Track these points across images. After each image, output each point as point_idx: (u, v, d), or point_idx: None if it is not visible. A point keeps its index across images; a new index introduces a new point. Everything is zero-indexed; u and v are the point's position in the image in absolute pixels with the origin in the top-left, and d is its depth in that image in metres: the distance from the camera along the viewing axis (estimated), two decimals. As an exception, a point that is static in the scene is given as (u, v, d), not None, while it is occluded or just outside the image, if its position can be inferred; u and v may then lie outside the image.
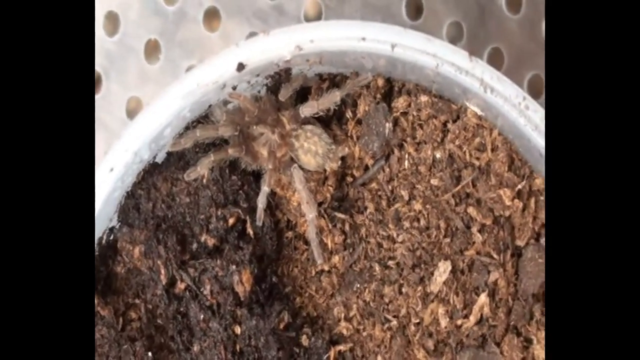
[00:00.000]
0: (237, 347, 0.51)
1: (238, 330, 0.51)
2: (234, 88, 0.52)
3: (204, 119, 0.53)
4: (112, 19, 0.63)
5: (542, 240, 0.52)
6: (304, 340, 0.52)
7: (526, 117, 0.49)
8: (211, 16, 0.63)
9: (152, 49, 0.63)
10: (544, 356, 0.50)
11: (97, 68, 0.63)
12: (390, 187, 0.53)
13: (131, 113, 0.64)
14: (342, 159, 0.53)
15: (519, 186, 0.52)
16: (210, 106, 0.53)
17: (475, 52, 0.50)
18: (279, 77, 0.53)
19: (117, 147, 0.50)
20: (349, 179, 0.54)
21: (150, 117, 0.50)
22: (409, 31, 0.49)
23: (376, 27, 0.49)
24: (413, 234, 0.52)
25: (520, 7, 0.61)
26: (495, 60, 0.54)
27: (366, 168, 0.54)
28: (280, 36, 0.49)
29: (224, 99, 0.53)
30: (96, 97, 0.63)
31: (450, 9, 0.61)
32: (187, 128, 0.53)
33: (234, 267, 0.51)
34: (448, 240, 0.52)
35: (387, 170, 0.53)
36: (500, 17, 0.61)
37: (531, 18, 0.62)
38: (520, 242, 0.52)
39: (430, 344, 0.52)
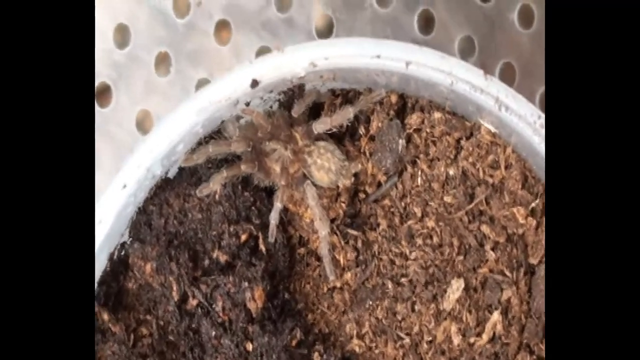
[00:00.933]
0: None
1: (250, 347, 0.50)
2: (247, 104, 0.51)
3: (216, 134, 0.52)
4: (122, 31, 0.62)
5: (556, 258, 0.51)
6: (316, 358, 0.51)
7: (540, 136, 0.48)
8: (221, 29, 0.62)
9: (161, 61, 0.63)
10: (556, 375, 0.50)
11: (107, 80, 0.62)
12: (403, 204, 0.52)
13: (140, 125, 0.63)
14: (355, 175, 0.53)
15: (533, 204, 0.51)
16: (223, 122, 0.52)
17: (487, 66, 0.49)
18: (292, 93, 0.52)
19: (129, 163, 0.50)
20: (362, 195, 0.54)
21: (163, 133, 0.50)
22: (423, 49, 0.48)
23: (391, 44, 0.48)
24: (426, 251, 0.51)
25: (532, 21, 0.61)
26: (507, 75, 0.53)
27: (379, 185, 0.53)
28: (295, 53, 0.49)
29: (237, 114, 0.52)
30: (105, 109, 0.63)
31: (461, 23, 0.61)
32: (199, 144, 0.52)
33: (246, 283, 0.51)
34: (461, 257, 0.51)
35: (400, 187, 0.53)
36: (511, 31, 0.61)
37: (543, 33, 0.61)
38: (533, 260, 0.51)
39: (443, 362, 0.51)
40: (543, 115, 0.48)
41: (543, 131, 0.48)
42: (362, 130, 0.53)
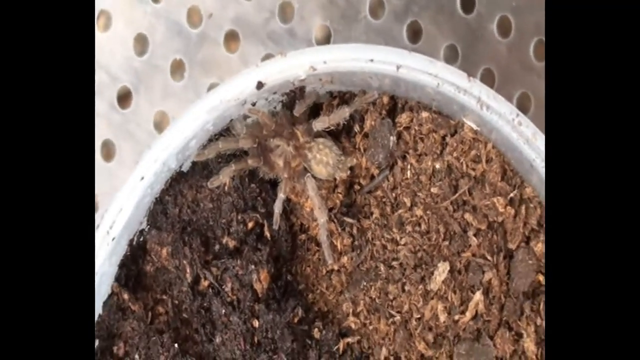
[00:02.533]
0: (255, 339, 0.50)
1: (256, 323, 0.49)
2: (253, 104, 0.50)
3: (226, 132, 0.52)
4: (141, 41, 0.61)
5: (532, 243, 0.50)
6: (316, 333, 0.50)
7: (518, 132, 0.47)
8: (230, 38, 0.62)
9: (176, 68, 0.62)
10: (533, 348, 0.49)
11: (128, 84, 0.62)
12: (394, 195, 0.52)
13: (157, 125, 0.63)
14: (351, 169, 0.52)
15: (511, 195, 0.50)
16: (231, 120, 0.51)
17: (469, 72, 0.48)
18: (294, 94, 0.52)
19: (147, 157, 0.49)
20: (357, 187, 0.53)
21: (178, 130, 0.49)
22: (412, 54, 0.47)
23: (383, 50, 0.48)
24: (415, 237, 0.51)
25: (510, 32, 0.60)
26: (487, 80, 0.53)
27: (372, 177, 0.52)
28: (296, 58, 0.48)
29: (244, 114, 0.51)
30: (126, 111, 0.62)
31: (446, 33, 0.60)
32: (210, 140, 0.51)
33: (252, 266, 0.50)
34: (446, 243, 0.50)
35: (391, 179, 0.52)
36: (491, 40, 0.60)
37: (519, 41, 0.60)
38: (512, 245, 0.50)
39: (430, 337, 0.50)
40: (521, 114, 0.47)
41: (521, 128, 0.47)
42: (357, 128, 0.53)
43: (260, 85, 0.48)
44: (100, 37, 0.61)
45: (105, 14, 0.61)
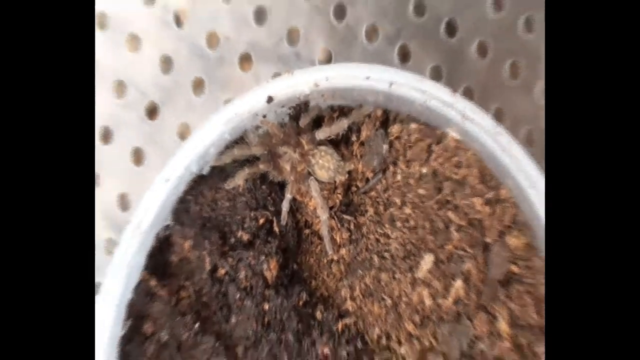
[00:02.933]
0: (266, 320, 0.49)
1: (266, 306, 0.49)
2: (264, 116, 0.50)
3: (240, 140, 0.51)
4: (166, 61, 0.61)
5: (506, 238, 0.49)
6: (318, 315, 0.50)
7: (497, 142, 0.47)
8: (244, 60, 0.61)
9: (197, 85, 0.62)
10: (506, 329, 0.48)
11: (155, 100, 0.61)
12: (386, 195, 0.51)
13: (181, 135, 0.62)
14: (349, 172, 0.51)
15: (488, 196, 0.50)
16: (245, 131, 0.51)
17: (452, 89, 0.48)
18: (300, 108, 0.51)
19: (172, 162, 0.48)
20: (354, 188, 0.52)
21: (198, 139, 0.48)
22: (403, 72, 0.47)
23: (378, 68, 0.47)
24: (404, 232, 0.50)
25: (487, 53, 0.59)
26: (467, 96, 0.52)
27: (367, 180, 0.52)
28: (302, 75, 0.47)
29: (256, 125, 0.51)
30: (154, 122, 0.62)
31: (432, 55, 0.60)
32: (227, 148, 0.51)
33: (263, 257, 0.49)
34: (431, 237, 0.50)
35: (384, 182, 0.51)
36: (471, 61, 0.59)
37: (495, 62, 0.60)
38: (488, 239, 0.50)
39: (417, 318, 0.49)
40: (500, 126, 0.47)
41: (499, 138, 0.47)
42: (354, 138, 0.52)
43: (270, 99, 0.47)
44: (131, 58, 0.61)
45: (135, 37, 0.60)
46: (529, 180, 0.47)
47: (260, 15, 0.61)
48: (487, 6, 0.60)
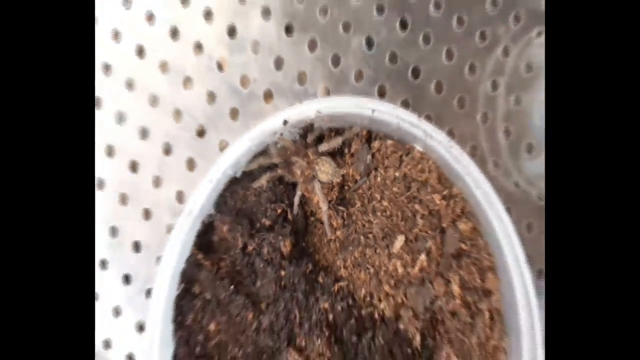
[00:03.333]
0: (282, 283, 0.48)
1: (282, 273, 0.48)
2: (281, 134, 0.48)
3: (264, 152, 0.50)
4: (211, 96, 0.60)
5: (457, 223, 0.48)
6: (320, 279, 0.48)
7: (450, 153, 0.46)
8: (267, 95, 0.60)
9: (233, 114, 0.60)
10: (457, 290, 0.47)
11: (203, 124, 0.60)
12: (369, 192, 0.50)
13: (222, 149, 0.61)
14: (342, 176, 0.50)
15: (444, 192, 0.48)
16: (267, 145, 0.50)
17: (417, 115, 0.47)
18: (307, 128, 0.50)
19: (214, 168, 0.47)
20: (346, 187, 0.51)
21: (233, 151, 0.47)
22: (383, 102, 0.46)
23: (363, 100, 0.46)
24: (382, 219, 0.49)
25: (443, 90, 0.58)
26: (428, 120, 0.51)
27: (356, 181, 0.50)
28: (309, 105, 0.46)
29: (275, 140, 0.49)
30: (202, 140, 0.61)
31: (401, 92, 0.59)
32: (254, 157, 0.50)
33: (280, 237, 0.48)
34: (403, 223, 0.48)
35: (368, 182, 0.50)
36: (430, 96, 0.58)
37: (448, 96, 0.59)
38: (444, 225, 0.48)
39: (392, 282, 0.48)
40: (452, 141, 0.46)
41: (452, 150, 0.46)
42: (346, 150, 0.51)
43: (285, 122, 0.46)
44: (186, 93, 0.60)
45: (188, 79, 0.60)
46: (474, 181, 0.46)
47: (278, 64, 0.59)
48: (442, 57, 0.58)
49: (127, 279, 0.59)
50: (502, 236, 0.45)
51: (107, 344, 0.58)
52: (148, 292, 0.57)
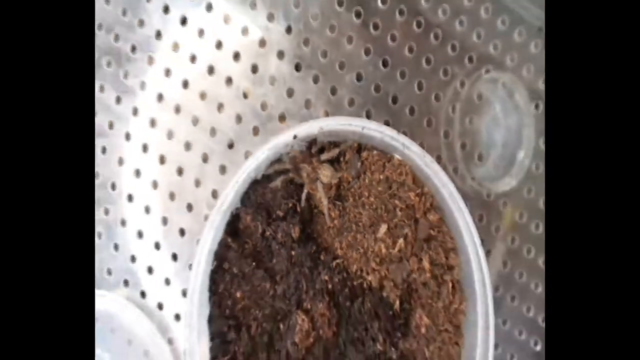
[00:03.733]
0: (292, 261, 0.44)
1: (293, 253, 0.44)
2: (292, 146, 0.45)
3: (278, 160, 0.46)
4: (239, 118, 0.56)
5: (427, 215, 0.45)
6: (322, 257, 0.45)
7: (423, 161, 0.42)
8: (282, 117, 0.57)
9: (256, 132, 0.57)
10: (428, 266, 0.43)
11: (232, 138, 0.56)
12: (360, 191, 0.46)
13: (246, 157, 0.57)
14: (339, 179, 0.46)
15: (417, 191, 0.45)
16: (281, 154, 0.46)
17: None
18: (311, 142, 0.46)
19: (239, 172, 0.44)
20: (342, 187, 0.47)
21: (255, 159, 0.44)
22: (371, 121, 0.42)
23: (356, 119, 0.43)
24: (370, 211, 0.45)
25: (415, 113, 0.54)
26: (404, 135, 0.47)
27: (349, 182, 0.47)
28: (313, 123, 0.43)
29: (287, 151, 0.46)
30: (231, 151, 0.56)
31: (383, 114, 0.55)
32: (270, 164, 0.46)
33: (291, 225, 0.45)
34: (385, 214, 0.45)
35: (359, 183, 0.46)
36: (406, 117, 0.54)
37: (419, 118, 0.55)
38: (418, 216, 0.45)
39: (377, 260, 0.44)
40: (425, 152, 0.42)
41: (425, 158, 0.42)
42: (342, 159, 0.47)
43: (295, 137, 0.43)
44: (219, 116, 0.56)
45: (222, 104, 0.56)
46: (440, 182, 0.42)
47: (290, 93, 0.56)
48: (415, 88, 0.55)
49: (174, 257, 0.55)
50: (462, 224, 0.41)
51: (160, 306, 0.54)
52: (190, 267, 0.54)
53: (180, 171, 0.55)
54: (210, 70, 0.55)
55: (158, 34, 0.54)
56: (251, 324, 0.43)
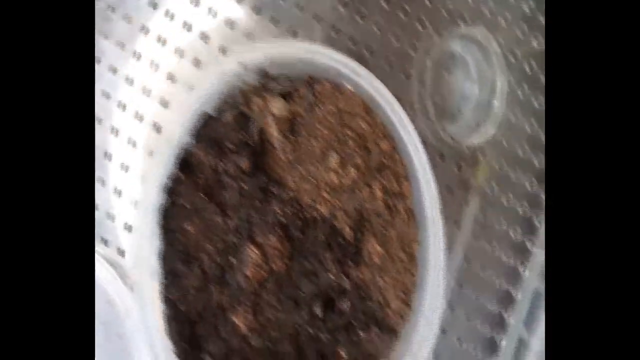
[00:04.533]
0: (244, 194, 0.44)
1: (244, 186, 0.44)
2: (243, 79, 0.43)
3: (229, 94, 0.45)
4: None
5: (379, 143, 0.44)
6: (274, 190, 0.44)
7: (373, 87, 0.41)
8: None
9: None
10: (380, 194, 0.43)
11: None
12: (312, 123, 0.45)
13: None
14: (293, 113, 0.45)
15: (368, 120, 0.44)
16: (232, 87, 0.45)
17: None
18: (263, 75, 0.45)
19: (184, 105, 0.42)
20: (296, 121, 0.46)
21: (196, 92, 0.42)
22: (319, 46, 0.41)
23: (305, 42, 0.41)
24: (322, 142, 0.44)
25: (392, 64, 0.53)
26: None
27: (302, 117, 0.45)
28: (258, 47, 0.41)
29: (238, 84, 0.44)
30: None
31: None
32: (223, 99, 0.44)
33: (242, 157, 0.44)
34: (338, 144, 0.44)
35: (312, 116, 0.45)
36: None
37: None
38: (369, 145, 0.44)
39: (329, 190, 0.44)
40: (374, 77, 0.41)
41: (374, 83, 0.41)
42: (296, 93, 0.46)
43: (245, 67, 0.41)
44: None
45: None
46: (391, 108, 0.41)
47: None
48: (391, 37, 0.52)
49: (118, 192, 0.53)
50: (412, 150, 0.40)
51: (121, 253, 0.53)
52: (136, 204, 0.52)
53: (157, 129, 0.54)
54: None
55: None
56: (203, 258, 0.43)
